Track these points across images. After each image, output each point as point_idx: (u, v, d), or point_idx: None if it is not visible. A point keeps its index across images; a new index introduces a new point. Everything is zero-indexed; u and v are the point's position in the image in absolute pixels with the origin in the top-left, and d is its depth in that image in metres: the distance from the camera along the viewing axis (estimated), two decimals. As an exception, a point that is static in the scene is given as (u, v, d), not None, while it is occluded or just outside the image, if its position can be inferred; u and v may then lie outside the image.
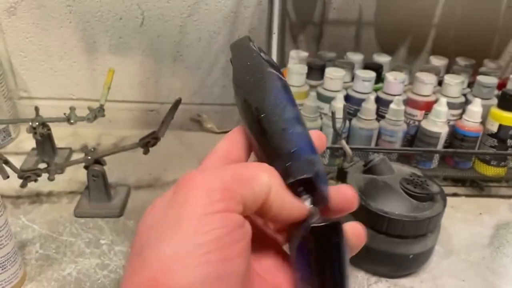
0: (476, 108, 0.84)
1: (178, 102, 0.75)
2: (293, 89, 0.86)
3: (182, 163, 0.94)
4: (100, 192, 0.77)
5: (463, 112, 0.86)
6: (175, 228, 0.23)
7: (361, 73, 0.86)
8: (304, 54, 0.94)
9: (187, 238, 0.23)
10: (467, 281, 0.69)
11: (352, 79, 0.90)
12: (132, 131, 1.05)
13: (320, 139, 0.31)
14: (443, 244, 0.75)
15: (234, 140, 0.30)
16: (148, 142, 0.75)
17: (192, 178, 0.25)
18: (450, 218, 0.79)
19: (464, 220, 0.82)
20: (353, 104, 0.87)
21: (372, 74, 0.86)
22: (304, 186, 0.28)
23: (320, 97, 0.86)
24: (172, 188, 0.26)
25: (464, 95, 0.89)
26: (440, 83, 0.91)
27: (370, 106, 0.83)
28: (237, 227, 0.24)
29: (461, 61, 0.97)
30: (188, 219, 0.23)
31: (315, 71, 0.90)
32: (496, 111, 0.83)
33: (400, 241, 0.64)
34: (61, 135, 1.00)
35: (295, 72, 0.86)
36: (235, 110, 1.08)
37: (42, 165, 0.77)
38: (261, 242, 0.30)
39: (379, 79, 0.90)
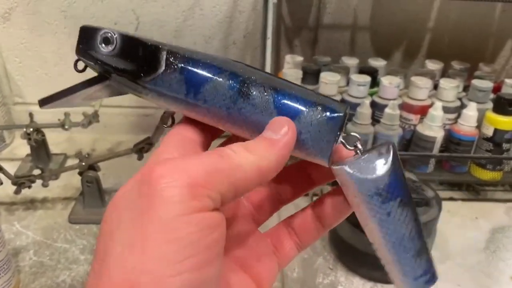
0: (471, 112, 0.84)
1: (172, 108, 0.75)
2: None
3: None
4: (94, 198, 0.77)
5: (459, 116, 0.86)
6: (142, 234, 0.21)
7: (356, 77, 0.86)
8: (299, 58, 0.93)
9: (156, 245, 0.20)
10: (463, 285, 0.68)
11: (347, 83, 0.89)
12: (127, 136, 1.05)
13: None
14: (439, 249, 0.75)
15: (185, 126, 0.28)
16: (142, 148, 0.75)
17: (159, 172, 0.22)
18: (446, 223, 0.79)
19: (460, 224, 0.82)
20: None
21: (367, 79, 0.86)
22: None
23: (315, 102, 0.86)
24: (137, 179, 0.23)
25: (460, 99, 0.89)
26: (435, 87, 0.91)
27: (365, 110, 0.83)
28: (213, 228, 0.22)
29: (456, 65, 0.97)
30: (157, 223, 0.20)
31: (310, 75, 0.90)
32: (492, 115, 0.83)
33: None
34: (56, 140, 0.99)
35: (290, 76, 0.86)
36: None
37: (37, 171, 0.77)
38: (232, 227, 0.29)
39: (374, 83, 0.90)
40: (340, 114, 0.27)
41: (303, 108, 0.27)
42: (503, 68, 1.05)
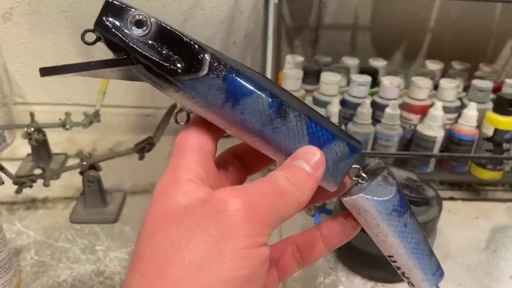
0: (471, 112, 0.84)
1: (173, 108, 0.75)
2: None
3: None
4: (95, 198, 0.77)
5: (459, 116, 0.86)
6: (219, 258, 0.23)
7: (356, 77, 0.86)
8: (300, 58, 0.94)
9: (230, 269, 0.23)
10: (463, 285, 0.69)
11: (348, 83, 0.90)
12: (128, 136, 1.05)
13: None
14: (440, 248, 0.75)
15: (201, 131, 0.29)
16: (143, 148, 0.75)
17: (236, 207, 0.24)
18: (446, 222, 0.79)
19: (461, 224, 0.82)
20: (348, 108, 0.87)
21: (367, 79, 0.86)
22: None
23: (316, 102, 0.86)
24: (204, 201, 0.25)
25: (460, 99, 0.89)
26: (435, 87, 0.91)
27: (365, 110, 0.83)
28: (265, 261, 0.25)
29: (456, 65, 0.97)
30: (232, 251, 0.23)
31: (311, 75, 0.90)
32: (492, 115, 0.83)
33: (396, 246, 0.64)
34: (57, 140, 0.99)
35: (291, 76, 0.86)
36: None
37: (37, 171, 0.77)
38: None
39: (375, 83, 0.91)
40: (359, 151, 0.31)
41: (332, 140, 0.30)
42: (503, 68, 1.06)
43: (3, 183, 0.68)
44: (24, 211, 0.78)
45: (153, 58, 0.26)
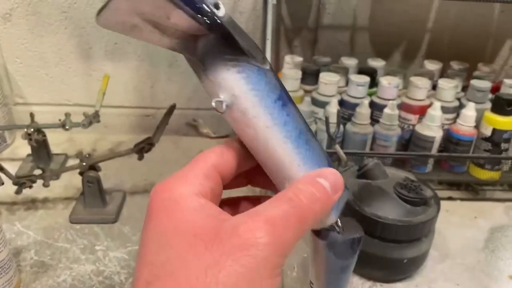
0: (470, 112, 0.84)
1: (172, 108, 0.75)
2: (287, 94, 0.87)
3: (178, 168, 0.94)
4: (95, 198, 0.77)
5: (457, 116, 0.87)
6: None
7: (355, 77, 0.86)
8: (299, 59, 0.94)
9: None
10: (462, 285, 0.69)
11: (347, 83, 0.90)
12: (128, 136, 1.06)
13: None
14: (438, 248, 0.75)
15: (226, 154, 0.30)
16: (142, 148, 0.76)
17: (262, 239, 0.25)
18: (445, 222, 0.80)
19: (459, 223, 0.82)
20: (347, 108, 0.87)
21: (366, 79, 0.86)
22: None
23: (315, 102, 0.87)
24: (232, 234, 0.25)
25: (458, 99, 0.89)
26: (434, 87, 0.91)
27: (364, 110, 0.83)
28: None
29: (455, 65, 0.97)
30: (257, 284, 0.24)
31: (310, 76, 0.90)
32: (490, 115, 0.84)
33: (394, 246, 0.64)
34: (57, 141, 1.00)
35: (290, 77, 0.86)
36: (231, 115, 1.08)
37: (37, 172, 0.77)
38: None
39: (373, 83, 0.91)
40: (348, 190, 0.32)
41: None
42: (501, 68, 1.06)
43: (3, 183, 0.69)
44: (24, 212, 0.79)
45: (231, 34, 0.27)
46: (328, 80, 0.85)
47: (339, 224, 0.33)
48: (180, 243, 0.25)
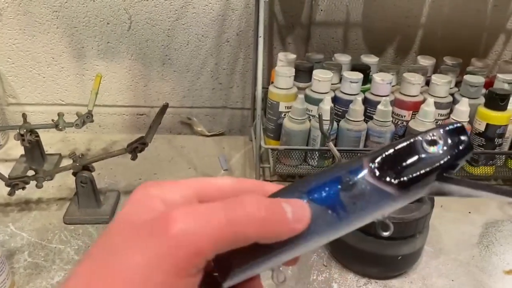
0: (463, 107, 0.84)
1: (165, 108, 0.75)
2: (281, 92, 0.87)
3: (172, 167, 0.94)
4: (89, 198, 0.77)
5: (451, 111, 0.87)
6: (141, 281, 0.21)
7: (348, 74, 0.86)
8: (292, 56, 0.94)
9: None
10: (457, 280, 0.69)
11: (340, 80, 0.90)
12: (122, 135, 1.06)
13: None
14: (433, 244, 0.75)
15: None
16: (136, 148, 0.75)
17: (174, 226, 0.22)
18: (439, 218, 0.80)
19: (454, 219, 0.82)
20: (341, 105, 0.87)
21: (359, 76, 0.86)
22: None
23: (309, 99, 0.86)
24: (152, 220, 0.23)
25: (452, 94, 0.89)
26: (427, 83, 0.91)
27: (357, 107, 0.83)
28: None
29: (448, 61, 0.97)
30: (156, 280, 0.22)
31: (303, 73, 0.90)
32: (484, 110, 0.84)
33: (388, 243, 0.64)
34: (51, 140, 0.99)
35: (283, 74, 0.86)
36: (225, 112, 1.08)
37: (31, 173, 0.77)
38: None
39: (367, 80, 0.91)
40: None
41: None
42: (495, 62, 1.06)
43: (-5, 185, 0.69)
44: (18, 213, 0.78)
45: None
46: (322, 77, 0.85)
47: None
48: (118, 232, 0.24)
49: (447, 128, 0.26)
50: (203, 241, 0.22)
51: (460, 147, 0.26)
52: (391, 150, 0.26)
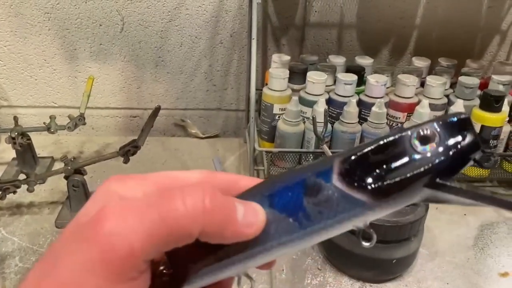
0: (458, 109, 0.83)
1: (157, 110, 0.74)
2: (275, 94, 0.86)
3: (166, 169, 0.93)
4: (81, 202, 0.76)
5: (446, 113, 0.86)
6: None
7: (342, 76, 0.86)
8: (286, 58, 0.93)
9: None
10: (452, 283, 0.69)
11: (335, 82, 0.89)
12: (115, 137, 1.05)
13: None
14: (428, 247, 0.75)
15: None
16: (128, 151, 0.75)
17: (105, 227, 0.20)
18: (434, 220, 0.80)
19: (449, 221, 0.82)
20: (335, 107, 0.87)
21: (353, 77, 0.85)
22: None
23: (303, 101, 0.86)
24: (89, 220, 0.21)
25: (447, 96, 0.89)
26: (422, 84, 0.91)
27: (352, 109, 0.82)
28: None
29: (443, 62, 0.97)
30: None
31: (297, 75, 0.89)
32: (478, 112, 0.83)
33: (382, 246, 0.64)
34: (43, 143, 0.98)
35: (277, 76, 0.85)
36: (219, 114, 1.07)
37: (22, 176, 0.76)
38: None
39: (361, 82, 0.90)
40: None
41: None
42: (490, 64, 1.06)
43: (-14, 189, 0.68)
44: (9, 217, 0.77)
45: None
46: (316, 79, 0.85)
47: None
48: (63, 234, 0.22)
49: (447, 121, 0.21)
50: (135, 240, 0.20)
51: (462, 146, 0.20)
52: (369, 148, 0.21)
